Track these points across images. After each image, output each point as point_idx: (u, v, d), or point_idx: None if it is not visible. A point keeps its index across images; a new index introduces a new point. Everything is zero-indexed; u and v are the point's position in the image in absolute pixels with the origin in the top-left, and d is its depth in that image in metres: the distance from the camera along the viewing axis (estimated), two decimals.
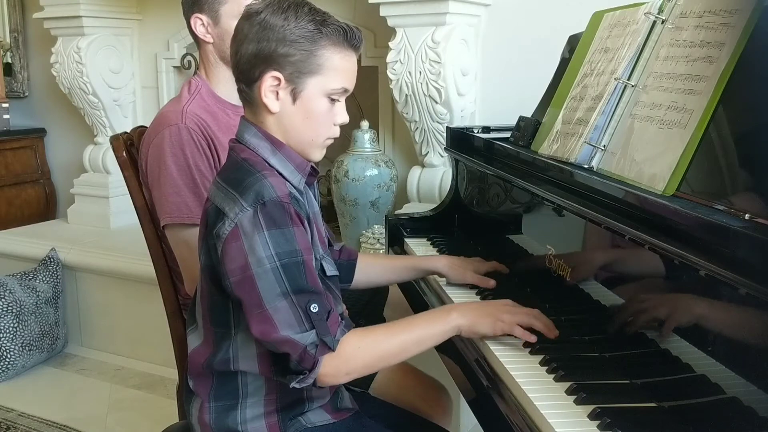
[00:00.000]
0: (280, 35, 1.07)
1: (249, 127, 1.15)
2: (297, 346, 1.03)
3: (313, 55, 1.09)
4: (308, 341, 1.03)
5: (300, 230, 1.06)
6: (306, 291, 1.04)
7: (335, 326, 1.06)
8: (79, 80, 3.09)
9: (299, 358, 1.03)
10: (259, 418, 1.16)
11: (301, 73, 1.09)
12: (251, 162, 1.11)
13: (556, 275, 1.28)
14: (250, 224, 1.03)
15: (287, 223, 1.05)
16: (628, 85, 1.22)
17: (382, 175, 2.42)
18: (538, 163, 1.39)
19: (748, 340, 0.82)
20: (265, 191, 1.04)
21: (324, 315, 1.05)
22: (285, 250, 1.03)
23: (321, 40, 1.09)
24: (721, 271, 0.82)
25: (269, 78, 1.09)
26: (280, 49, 1.07)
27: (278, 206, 1.04)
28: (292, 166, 1.14)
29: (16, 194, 3.57)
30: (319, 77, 1.10)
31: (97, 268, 2.88)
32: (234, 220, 1.04)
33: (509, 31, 2.38)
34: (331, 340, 1.04)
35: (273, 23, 1.08)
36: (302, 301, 1.03)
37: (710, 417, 0.87)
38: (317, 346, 1.03)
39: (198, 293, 1.20)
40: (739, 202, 0.90)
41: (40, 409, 2.50)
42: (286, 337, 1.02)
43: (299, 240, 1.05)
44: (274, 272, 1.02)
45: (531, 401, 0.98)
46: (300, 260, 1.04)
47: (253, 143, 1.13)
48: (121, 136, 1.61)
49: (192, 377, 1.22)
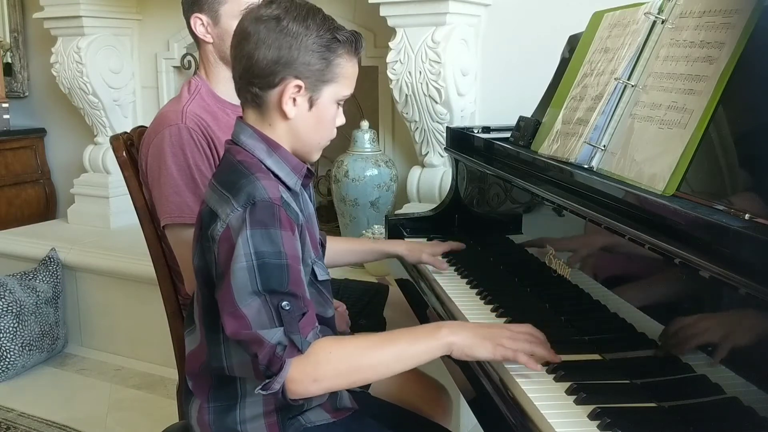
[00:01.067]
0: (302, 43, 1.09)
1: (245, 129, 1.15)
2: (263, 344, 0.99)
3: (331, 64, 1.11)
4: (275, 339, 0.99)
5: (288, 235, 1.05)
6: (281, 292, 1.02)
7: (308, 328, 1.03)
8: (79, 80, 3.09)
9: (267, 360, 1.00)
10: (258, 417, 1.16)
11: (319, 81, 1.11)
12: (246, 164, 1.11)
13: (556, 275, 1.28)
14: (237, 223, 1.03)
15: (274, 225, 1.03)
16: (628, 85, 1.22)
17: (382, 175, 2.42)
18: (538, 163, 1.39)
19: (748, 340, 0.82)
20: (256, 192, 1.04)
21: (296, 314, 1.02)
22: (267, 250, 1.02)
23: (338, 49, 1.11)
24: (721, 271, 0.82)
25: (292, 86, 1.10)
26: (302, 58, 1.09)
27: (268, 207, 1.04)
28: (288, 167, 1.14)
29: (16, 194, 3.57)
30: (335, 85, 1.13)
31: (97, 268, 2.88)
32: (225, 221, 1.04)
33: (509, 31, 2.38)
34: (300, 340, 1.01)
35: (295, 31, 1.08)
36: (275, 300, 1.01)
37: (710, 417, 0.87)
38: (285, 347, 1.00)
39: (195, 295, 1.20)
40: (739, 202, 0.90)
41: (40, 409, 2.50)
42: (254, 333, 1.00)
43: (285, 244, 1.03)
44: (249, 271, 1.01)
45: (531, 401, 0.98)
46: (283, 263, 1.02)
47: (250, 145, 1.13)
48: (121, 136, 1.61)
49: (190, 378, 1.22)
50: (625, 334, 1.05)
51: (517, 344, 1.06)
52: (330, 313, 1.26)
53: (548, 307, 1.31)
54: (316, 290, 1.21)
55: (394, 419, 1.34)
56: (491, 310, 1.33)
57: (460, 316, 1.32)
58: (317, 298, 1.21)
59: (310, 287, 1.18)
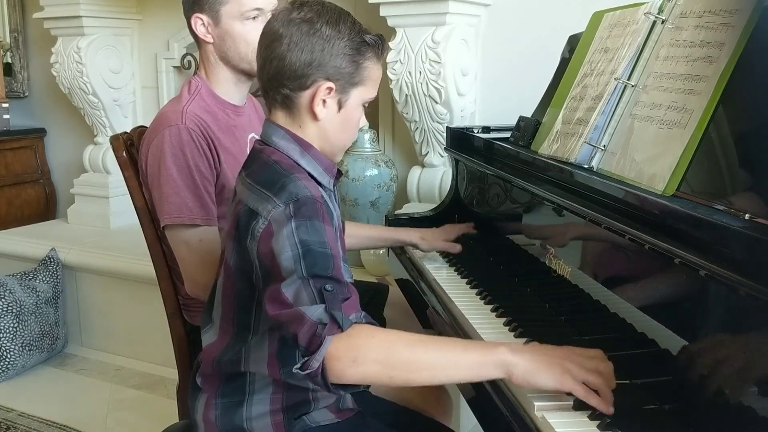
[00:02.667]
0: (335, 46, 1.10)
1: (276, 130, 1.15)
2: (304, 320, 0.96)
3: (360, 67, 1.13)
4: (316, 316, 0.96)
5: (330, 229, 1.05)
6: (325, 276, 1.00)
7: (351, 310, 0.99)
8: (79, 80, 3.09)
9: (307, 338, 0.96)
10: (265, 415, 1.17)
11: (348, 84, 1.13)
12: (283, 164, 1.12)
13: (556, 275, 1.28)
14: (281, 218, 1.03)
15: (318, 218, 1.04)
16: (628, 85, 1.22)
17: (382, 175, 2.43)
18: (538, 163, 1.39)
19: (748, 340, 0.82)
20: (299, 190, 1.05)
21: (339, 296, 0.99)
22: (312, 239, 1.01)
23: (366, 53, 1.13)
24: (721, 271, 0.82)
25: (324, 88, 1.11)
26: (334, 60, 1.11)
27: (312, 203, 1.04)
28: (321, 168, 1.16)
29: (16, 194, 3.57)
30: (362, 88, 1.15)
31: (97, 268, 2.88)
32: (267, 217, 1.04)
33: (509, 31, 2.38)
34: (341, 317, 0.97)
35: (328, 34, 1.10)
36: (318, 284, 0.99)
37: (710, 417, 0.87)
38: (326, 325, 0.96)
39: (220, 293, 1.20)
40: (739, 202, 0.90)
41: (40, 409, 2.50)
42: (295, 311, 0.98)
43: (329, 237, 1.04)
44: (295, 258, 1.00)
45: (530, 401, 0.98)
46: (328, 252, 1.02)
47: (282, 146, 1.14)
48: (121, 136, 1.61)
49: (201, 374, 1.23)
50: (625, 334, 1.06)
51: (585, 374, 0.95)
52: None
53: (548, 307, 1.31)
54: None
55: (395, 418, 1.34)
56: (491, 310, 1.33)
57: (460, 316, 1.32)
58: None
59: None
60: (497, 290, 1.42)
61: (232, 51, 1.56)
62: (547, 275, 1.30)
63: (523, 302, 1.37)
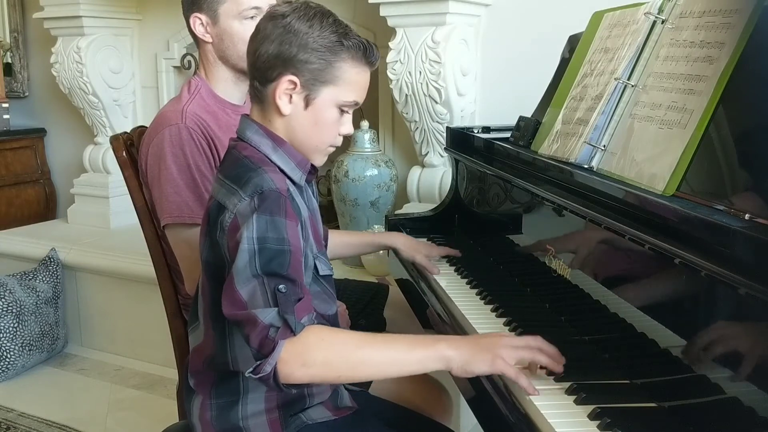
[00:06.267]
0: (302, 41, 1.10)
1: (251, 125, 1.17)
2: (257, 323, 0.98)
3: (331, 66, 1.12)
4: (268, 319, 0.98)
5: (292, 225, 1.06)
6: (279, 275, 1.01)
7: (303, 312, 1.01)
8: (79, 80, 3.09)
9: (258, 340, 0.98)
10: (260, 414, 1.17)
11: (317, 81, 1.12)
12: (253, 159, 1.12)
13: (556, 275, 1.28)
14: (245, 211, 1.04)
15: (279, 214, 1.05)
16: (628, 85, 1.22)
17: (382, 175, 2.42)
18: (538, 163, 1.39)
19: (748, 340, 0.82)
20: (264, 183, 1.06)
21: (292, 298, 1.00)
22: (270, 236, 1.03)
23: (341, 53, 1.12)
24: (721, 271, 0.82)
25: (286, 81, 1.11)
26: (300, 55, 1.10)
27: (275, 197, 1.05)
28: (293, 163, 1.16)
29: (16, 194, 3.57)
30: (334, 88, 1.13)
31: (97, 268, 2.88)
32: (233, 211, 1.06)
33: (509, 31, 2.38)
34: (294, 321, 0.98)
35: (297, 28, 1.10)
36: (272, 283, 1.00)
37: (710, 417, 0.87)
38: (278, 329, 0.98)
39: (199, 290, 1.21)
40: (739, 202, 0.90)
41: (40, 409, 2.50)
42: (248, 313, 0.99)
43: (290, 232, 1.04)
44: (250, 253, 1.01)
45: (531, 401, 0.98)
46: (285, 249, 1.03)
47: (255, 140, 1.15)
48: (121, 136, 1.61)
49: (193, 375, 1.23)
50: (625, 334, 1.06)
51: (517, 352, 1.02)
52: (333, 310, 1.26)
53: (548, 307, 1.31)
54: (319, 286, 1.21)
55: (394, 418, 1.34)
56: (491, 311, 1.33)
57: (460, 316, 1.32)
58: (320, 295, 1.21)
59: (313, 283, 1.19)
60: (497, 290, 1.42)
61: (231, 50, 1.56)
62: (547, 275, 1.30)
63: (523, 302, 1.37)
